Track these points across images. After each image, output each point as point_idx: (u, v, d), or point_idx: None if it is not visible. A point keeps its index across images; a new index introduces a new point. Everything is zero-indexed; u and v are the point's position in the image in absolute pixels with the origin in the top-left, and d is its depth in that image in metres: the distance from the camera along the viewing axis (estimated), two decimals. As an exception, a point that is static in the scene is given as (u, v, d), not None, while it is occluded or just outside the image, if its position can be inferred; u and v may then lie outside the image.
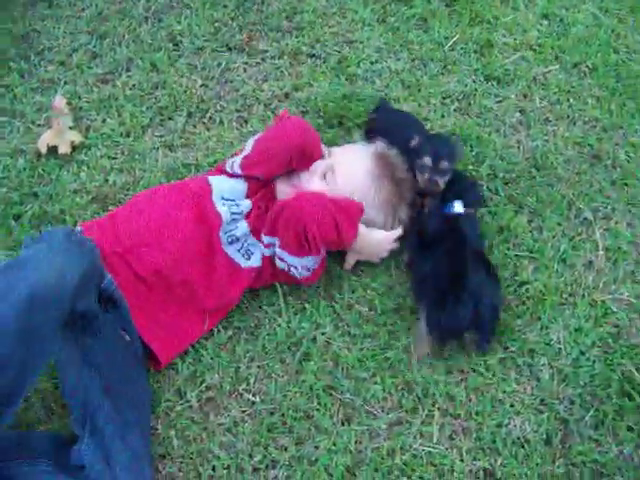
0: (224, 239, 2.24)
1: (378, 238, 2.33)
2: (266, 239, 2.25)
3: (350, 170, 2.37)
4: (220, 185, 2.32)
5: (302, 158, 2.33)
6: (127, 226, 2.18)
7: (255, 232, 2.28)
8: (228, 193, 2.30)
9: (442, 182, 2.32)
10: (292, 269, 2.22)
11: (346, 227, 2.14)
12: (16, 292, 1.57)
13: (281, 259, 2.22)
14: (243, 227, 2.27)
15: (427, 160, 2.30)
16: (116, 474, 1.87)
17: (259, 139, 2.37)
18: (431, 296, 2.22)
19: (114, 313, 2.04)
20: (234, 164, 2.35)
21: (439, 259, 2.24)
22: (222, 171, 2.40)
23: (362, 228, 2.24)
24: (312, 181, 2.32)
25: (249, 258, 2.27)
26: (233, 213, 2.27)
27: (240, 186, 2.35)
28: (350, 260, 2.39)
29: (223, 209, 2.24)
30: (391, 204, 2.36)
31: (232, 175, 2.37)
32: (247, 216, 2.30)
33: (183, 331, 2.22)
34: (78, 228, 2.22)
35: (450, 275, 2.20)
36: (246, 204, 2.31)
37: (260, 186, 2.37)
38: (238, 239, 2.26)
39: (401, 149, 2.42)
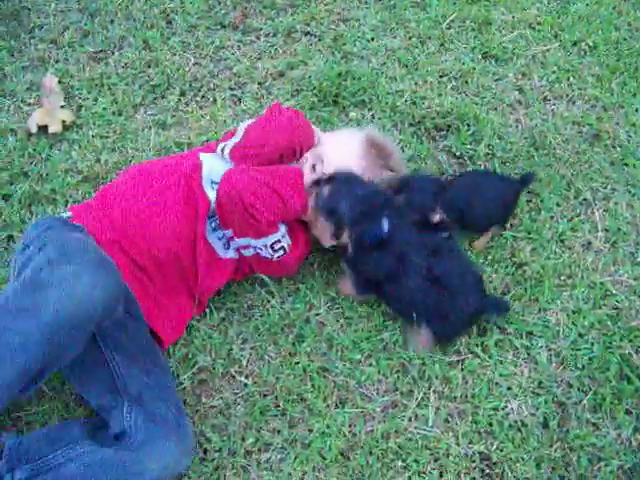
0: (209, 225, 2.20)
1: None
2: (226, 232, 2.20)
3: (340, 158, 2.30)
4: (210, 165, 2.26)
5: (292, 154, 2.29)
6: (120, 209, 2.14)
7: None
8: (217, 176, 2.24)
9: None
10: (260, 252, 2.18)
11: (288, 192, 2.09)
12: (43, 313, 1.61)
13: (245, 246, 2.19)
14: None
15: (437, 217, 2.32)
16: (169, 429, 1.88)
17: (249, 129, 2.30)
18: (427, 314, 2.16)
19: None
20: (225, 149, 2.30)
21: (412, 284, 2.14)
22: (214, 150, 2.35)
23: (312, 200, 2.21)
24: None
25: (228, 248, 2.23)
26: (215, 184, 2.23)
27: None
28: (317, 232, 2.30)
29: (212, 193, 2.19)
30: (379, 169, 2.31)
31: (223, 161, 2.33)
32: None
33: (180, 313, 2.20)
34: (68, 213, 2.16)
35: (428, 287, 2.13)
36: None
37: None
38: (221, 227, 2.21)
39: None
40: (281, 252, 2.19)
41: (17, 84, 2.83)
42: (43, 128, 2.67)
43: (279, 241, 2.17)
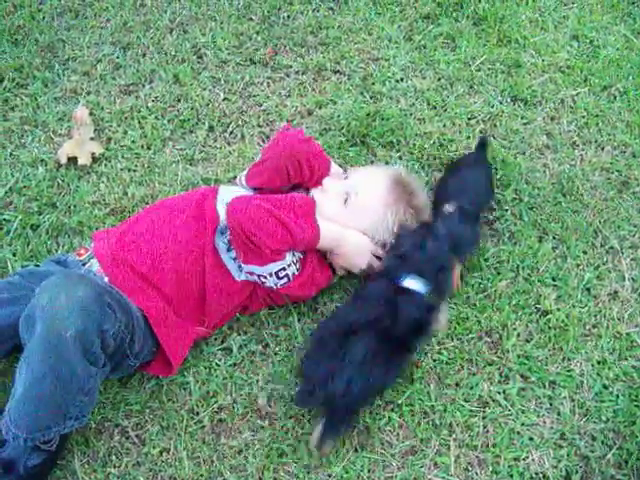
0: (222, 245, 2.20)
1: (357, 239, 2.27)
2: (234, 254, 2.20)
3: (367, 193, 2.31)
4: (227, 192, 2.30)
5: (299, 168, 2.30)
6: (131, 227, 2.22)
7: None
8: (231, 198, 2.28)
9: None
10: (263, 279, 2.17)
11: (295, 221, 2.09)
12: None
13: (250, 273, 2.18)
14: None
15: None
16: None
17: (262, 151, 2.38)
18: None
19: None
20: (242, 177, 2.38)
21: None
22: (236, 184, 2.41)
23: (334, 225, 2.22)
24: (330, 205, 2.28)
25: (242, 271, 2.22)
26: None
27: (246, 194, 2.33)
28: (335, 265, 2.33)
29: (223, 211, 2.21)
30: None
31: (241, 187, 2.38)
32: None
33: (187, 335, 2.18)
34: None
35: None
36: None
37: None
38: (231, 245, 2.21)
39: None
40: (285, 280, 2.18)
41: (49, 115, 2.87)
42: (72, 160, 2.70)
43: (284, 269, 2.16)
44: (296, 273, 2.21)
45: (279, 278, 2.17)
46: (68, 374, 1.78)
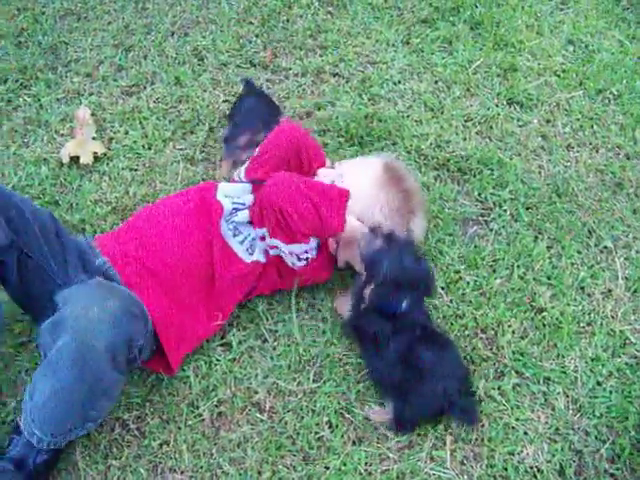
0: (227, 231, 2.25)
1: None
2: (259, 232, 2.24)
3: (358, 179, 2.35)
4: (225, 186, 2.38)
5: (298, 158, 2.37)
6: (134, 224, 2.27)
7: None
8: (232, 192, 2.35)
9: None
10: (284, 256, 2.21)
11: (328, 210, 2.12)
12: None
13: (273, 247, 2.21)
14: (244, 215, 2.29)
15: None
16: None
17: (259, 145, 2.42)
18: (393, 392, 2.15)
19: None
20: (240, 172, 2.43)
21: (389, 358, 2.12)
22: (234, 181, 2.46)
23: (354, 220, 2.24)
24: None
25: (252, 253, 2.26)
26: (235, 203, 2.31)
27: (245, 187, 2.39)
28: (341, 256, 2.34)
29: (225, 200, 2.29)
30: (400, 214, 2.33)
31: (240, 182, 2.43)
32: (250, 208, 2.31)
33: (192, 331, 2.21)
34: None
35: (402, 368, 2.10)
36: (249, 198, 2.33)
37: None
38: (241, 232, 2.26)
39: None
40: (303, 262, 2.23)
41: (52, 115, 2.90)
42: (75, 159, 2.74)
43: (306, 252, 2.21)
44: (314, 257, 2.25)
45: (299, 260, 2.22)
46: (96, 382, 1.83)
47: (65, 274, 2.04)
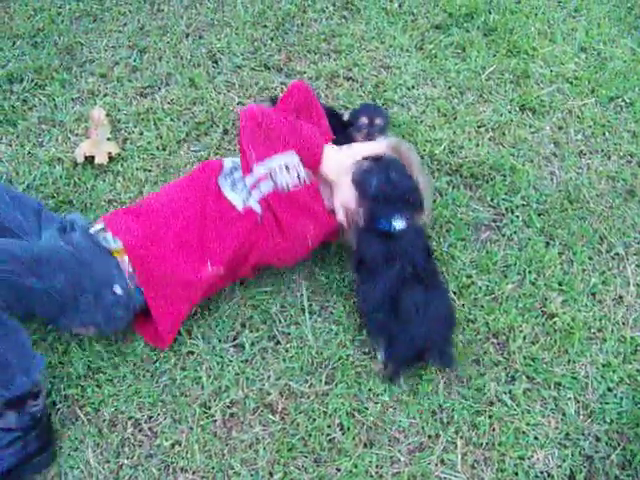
0: (224, 185, 2.30)
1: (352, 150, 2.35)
2: (250, 179, 2.25)
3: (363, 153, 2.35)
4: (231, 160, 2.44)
5: (308, 111, 2.40)
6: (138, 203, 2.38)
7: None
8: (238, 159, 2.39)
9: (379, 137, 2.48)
10: (276, 181, 2.20)
11: (308, 128, 2.26)
12: None
13: (263, 178, 2.21)
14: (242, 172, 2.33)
15: (363, 119, 2.55)
16: None
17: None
18: (377, 332, 2.22)
19: None
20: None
21: (376, 296, 2.18)
22: None
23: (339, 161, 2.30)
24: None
25: (248, 200, 2.26)
26: (235, 162, 2.36)
27: None
28: (337, 204, 2.30)
29: (227, 160, 2.38)
30: None
31: None
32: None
33: (176, 276, 2.19)
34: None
35: (387, 308, 2.15)
36: None
37: None
38: (238, 187, 2.29)
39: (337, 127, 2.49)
40: (295, 179, 2.21)
41: (67, 115, 2.92)
42: (89, 159, 2.75)
43: (293, 163, 2.21)
44: (306, 180, 2.24)
45: (289, 173, 2.21)
46: None
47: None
